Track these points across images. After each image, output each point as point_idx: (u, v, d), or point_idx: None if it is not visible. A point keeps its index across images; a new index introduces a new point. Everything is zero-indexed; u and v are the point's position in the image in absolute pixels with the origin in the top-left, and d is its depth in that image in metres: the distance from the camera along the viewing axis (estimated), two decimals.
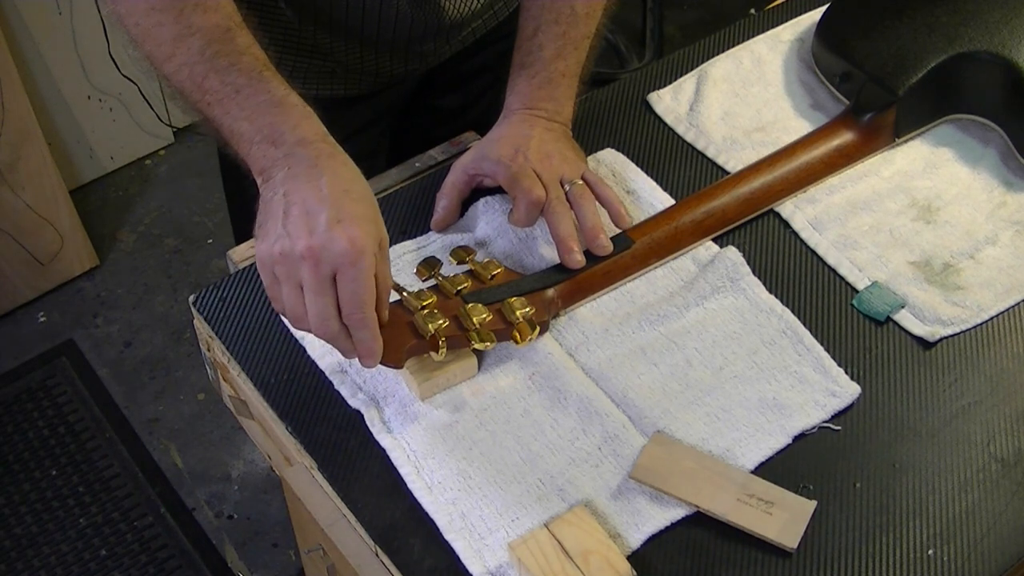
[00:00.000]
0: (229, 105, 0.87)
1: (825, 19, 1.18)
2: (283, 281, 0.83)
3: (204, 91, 0.87)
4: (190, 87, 0.88)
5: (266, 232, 0.83)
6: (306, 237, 0.81)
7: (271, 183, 0.85)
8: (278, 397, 0.93)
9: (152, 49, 0.89)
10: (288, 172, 0.84)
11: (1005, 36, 1.09)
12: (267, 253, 0.83)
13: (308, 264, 0.81)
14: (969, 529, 0.85)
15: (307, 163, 0.84)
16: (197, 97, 0.88)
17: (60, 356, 2.15)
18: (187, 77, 0.88)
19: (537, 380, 0.93)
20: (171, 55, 0.88)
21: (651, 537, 0.84)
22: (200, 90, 0.87)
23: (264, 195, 0.85)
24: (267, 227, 0.83)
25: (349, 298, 0.82)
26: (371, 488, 0.87)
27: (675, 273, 1.01)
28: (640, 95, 1.17)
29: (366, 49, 1.13)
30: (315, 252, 0.80)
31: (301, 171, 0.84)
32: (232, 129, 0.87)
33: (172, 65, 0.88)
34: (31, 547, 1.87)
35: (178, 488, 1.97)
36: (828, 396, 0.92)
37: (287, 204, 0.82)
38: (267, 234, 0.83)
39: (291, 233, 0.81)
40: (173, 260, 2.33)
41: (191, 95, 0.89)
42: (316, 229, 0.81)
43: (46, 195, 2.15)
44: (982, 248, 1.03)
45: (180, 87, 0.89)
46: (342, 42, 1.12)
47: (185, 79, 0.88)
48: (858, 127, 1.09)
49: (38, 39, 2.16)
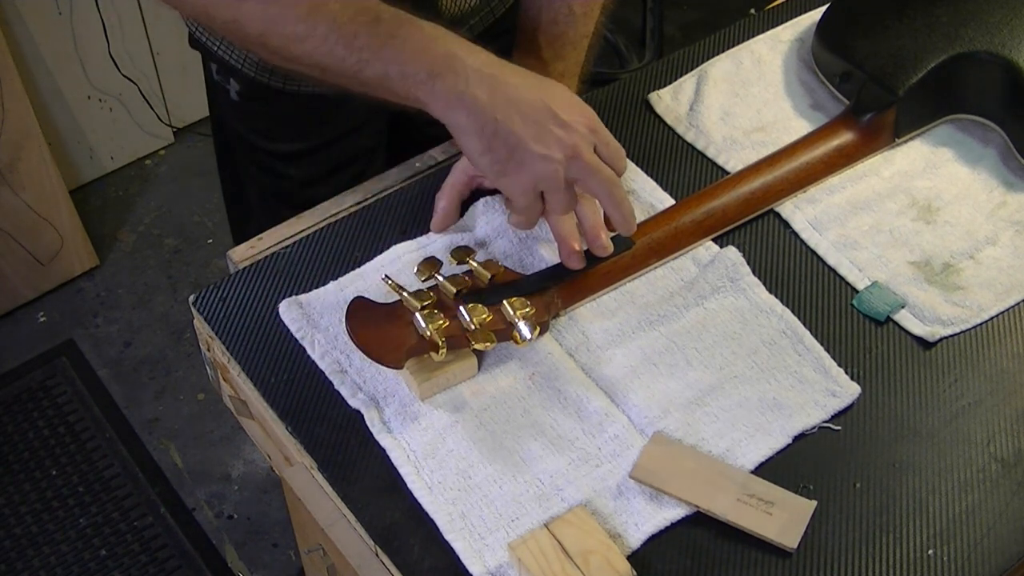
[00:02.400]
0: (388, 53, 0.87)
1: (825, 19, 1.18)
2: (553, 192, 0.89)
3: (357, 49, 0.87)
4: (340, 53, 0.87)
5: (519, 162, 0.87)
6: (558, 145, 0.87)
7: (474, 112, 0.87)
8: (278, 397, 0.93)
9: (279, 40, 0.89)
10: (491, 94, 0.87)
11: (1005, 36, 1.09)
12: (532, 177, 0.88)
13: (580, 158, 0.88)
14: (969, 529, 0.85)
15: (500, 79, 0.87)
16: (348, 62, 0.88)
17: (60, 356, 2.15)
18: (333, 45, 0.87)
19: (537, 380, 0.93)
20: (306, 34, 0.87)
21: (651, 537, 0.84)
22: (351, 49, 0.87)
23: (467, 125, 0.87)
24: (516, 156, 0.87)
25: (615, 152, 0.91)
26: (371, 488, 0.87)
27: (675, 273, 1.01)
28: (640, 95, 1.17)
29: None
30: (577, 148, 0.88)
31: (500, 88, 0.87)
32: (402, 73, 0.87)
33: (310, 43, 0.88)
34: (31, 547, 1.87)
35: (178, 488, 1.97)
36: (828, 396, 0.92)
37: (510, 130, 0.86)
38: (520, 163, 0.87)
39: (545, 149, 0.87)
40: (173, 260, 2.33)
41: (338, 63, 0.88)
42: (558, 131, 0.87)
43: (46, 195, 2.15)
44: (982, 248, 1.03)
45: (319, 61, 0.89)
46: None
47: (329, 50, 0.87)
48: (858, 127, 1.09)
49: (38, 39, 2.16)
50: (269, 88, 1.17)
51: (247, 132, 1.26)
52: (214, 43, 1.16)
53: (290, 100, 1.18)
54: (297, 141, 1.24)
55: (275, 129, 1.24)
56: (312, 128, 1.23)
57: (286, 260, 1.02)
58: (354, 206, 1.08)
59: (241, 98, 1.21)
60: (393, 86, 0.88)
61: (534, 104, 0.88)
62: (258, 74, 1.15)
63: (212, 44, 1.16)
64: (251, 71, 1.16)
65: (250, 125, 1.25)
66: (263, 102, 1.20)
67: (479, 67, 0.87)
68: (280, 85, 1.16)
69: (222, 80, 1.21)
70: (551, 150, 0.87)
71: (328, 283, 1.00)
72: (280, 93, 1.17)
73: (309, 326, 0.96)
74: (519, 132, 0.86)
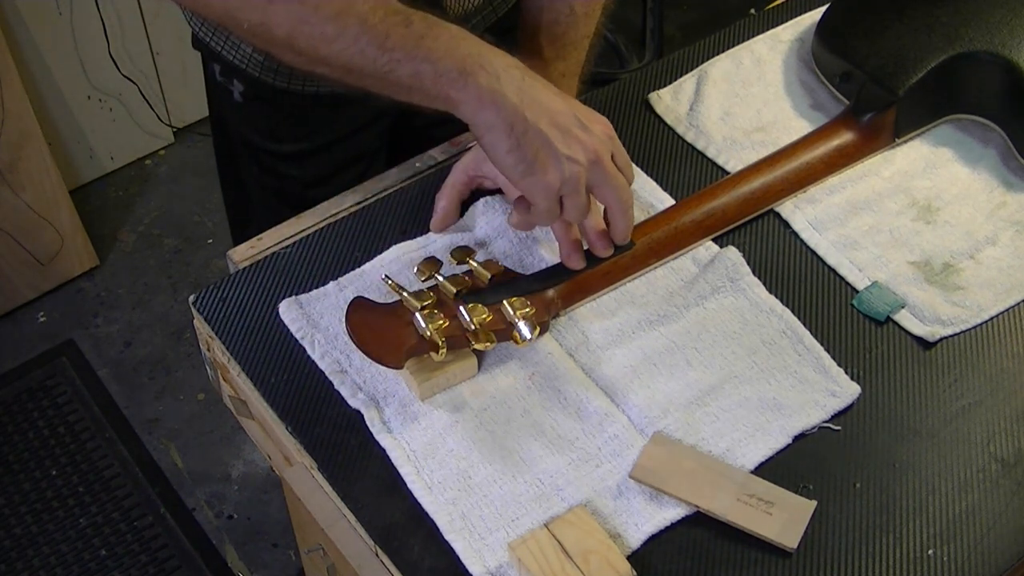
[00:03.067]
0: (419, 52, 0.87)
1: (825, 19, 1.18)
2: (573, 195, 0.90)
3: (388, 49, 0.87)
4: (371, 53, 0.87)
5: (544, 163, 0.88)
6: (582, 148, 0.89)
7: (505, 109, 0.87)
8: (278, 397, 0.93)
9: (306, 42, 0.88)
10: (520, 93, 0.87)
11: (1005, 36, 1.09)
12: (558, 178, 0.89)
13: (601, 163, 0.90)
14: (969, 529, 0.85)
15: (526, 80, 0.88)
16: (379, 62, 0.88)
17: (60, 356, 2.15)
18: (365, 45, 0.87)
19: (537, 380, 0.93)
20: (336, 34, 0.87)
21: (651, 537, 0.84)
22: (383, 50, 0.87)
23: (497, 123, 0.87)
24: (542, 157, 0.88)
25: (627, 162, 0.94)
26: (371, 488, 0.87)
27: (675, 273, 1.01)
28: (640, 95, 1.17)
29: None
30: (599, 153, 0.90)
31: (528, 89, 0.88)
32: (435, 72, 0.87)
33: (339, 43, 0.88)
34: (31, 547, 1.87)
35: (178, 488, 1.97)
36: (828, 396, 0.92)
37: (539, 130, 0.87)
38: (546, 164, 0.88)
39: (570, 151, 0.88)
40: (173, 260, 2.33)
41: (369, 63, 0.88)
42: (581, 135, 0.89)
43: (46, 195, 2.15)
44: (982, 248, 1.03)
45: (347, 62, 0.88)
46: None
47: (360, 50, 0.87)
48: (858, 127, 1.09)
49: (38, 39, 2.16)
50: (273, 88, 1.17)
51: (250, 133, 1.26)
52: (218, 43, 1.16)
53: (294, 100, 1.18)
54: (300, 142, 1.24)
55: (278, 130, 1.24)
56: (315, 129, 1.23)
57: (286, 260, 1.02)
58: (354, 206, 1.08)
59: (245, 99, 1.20)
60: (425, 85, 0.88)
61: (560, 107, 0.89)
62: (262, 74, 1.15)
63: (216, 44, 1.16)
64: (255, 71, 1.15)
65: (253, 126, 1.25)
66: (267, 102, 1.20)
67: (507, 67, 0.88)
68: (284, 85, 1.16)
69: (225, 81, 1.20)
70: (576, 153, 0.88)
71: (328, 283, 1.00)
72: (284, 93, 1.17)
73: (309, 326, 0.96)
74: (548, 132, 0.87)
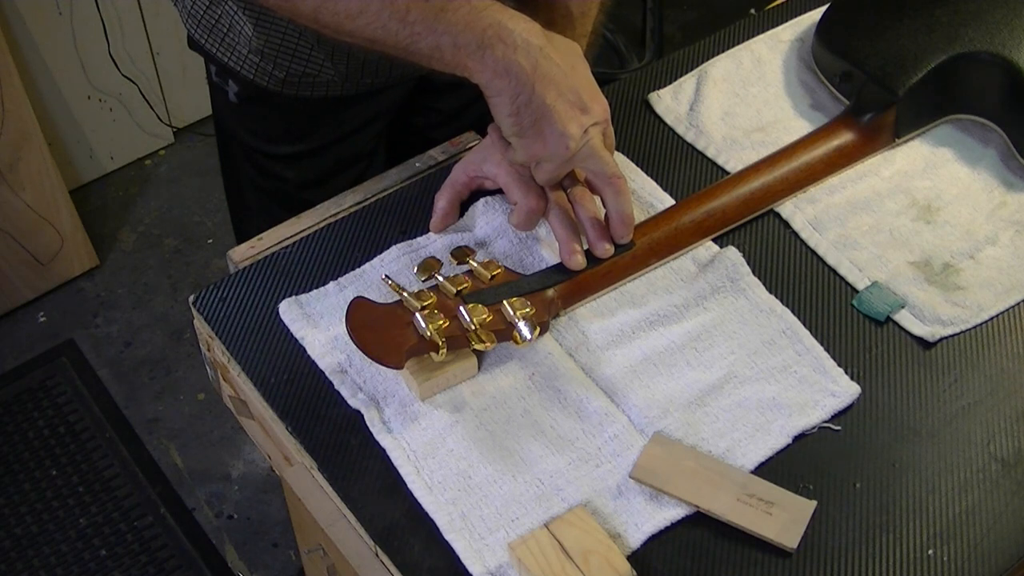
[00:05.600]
0: (438, 25, 0.90)
1: (825, 19, 1.18)
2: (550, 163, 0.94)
3: (409, 23, 0.91)
4: (393, 27, 0.91)
5: (538, 132, 0.92)
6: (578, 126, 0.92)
7: (516, 78, 0.90)
8: (278, 397, 0.93)
9: (331, 18, 0.93)
10: (534, 66, 0.90)
11: (1005, 36, 1.09)
12: (544, 149, 0.93)
13: (590, 142, 0.93)
14: (969, 529, 0.85)
15: (543, 52, 0.91)
16: (400, 35, 0.92)
17: (60, 356, 2.15)
18: (387, 20, 0.91)
19: (537, 380, 0.93)
20: (359, 10, 0.91)
21: (651, 537, 0.84)
22: (404, 23, 0.91)
23: (505, 89, 0.91)
24: (538, 126, 0.92)
25: (611, 143, 0.98)
26: (371, 488, 0.87)
27: (675, 273, 1.01)
28: (640, 95, 1.17)
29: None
30: (590, 132, 0.94)
31: (543, 62, 0.91)
32: (454, 44, 0.91)
33: (363, 19, 0.92)
34: (31, 547, 1.87)
35: (178, 488, 1.97)
36: (828, 396, 0.92)
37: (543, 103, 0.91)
38: (540, 133, 0.92)
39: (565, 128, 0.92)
40: (173, 260, 2.34)
41: (392, 37, 0.92)
42: (580, 116, 0.92)
43: (46, 195, 2.15)
44: (982, 248, 1.03)
45: (371, 35, 0.93)
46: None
47: (382, 24, 0.92)
48: (858, 127, 1.09)
49: (38, 39, 2.16)
50: (267, 90, 1.17)
51: (245, 134, 1.26)
52: (212, 45, 1.16)
53: (288, 103, 1.18)
54: (295, 144, 1.24)
55: (273, 131, 1.24)
56: (310, 131, 1.23)
57: (286, 260, 1.02)
58: (354, 206, 1.08)
59: (239, 100, 1.21)
60: (444, 56, 0.92)
61: (568, 85, 0.92)
62: (256, 76, 1.15)
63: (210, 46, 1.16)
64: (249, 73, 1.16)
65: (248, 127, 1.25)
66: (261, 104, 1.20)
67: (527, 37, 0.91)
68: (278, 89, 1.16)
69: (221, 82, 1.21)
70: (570, 130, 0.92)
71: (328, 283, 1.00)
72: (278, 95, 1.17)
73: (309, 326, 0.96)
74: (550, 105, 0.91)
